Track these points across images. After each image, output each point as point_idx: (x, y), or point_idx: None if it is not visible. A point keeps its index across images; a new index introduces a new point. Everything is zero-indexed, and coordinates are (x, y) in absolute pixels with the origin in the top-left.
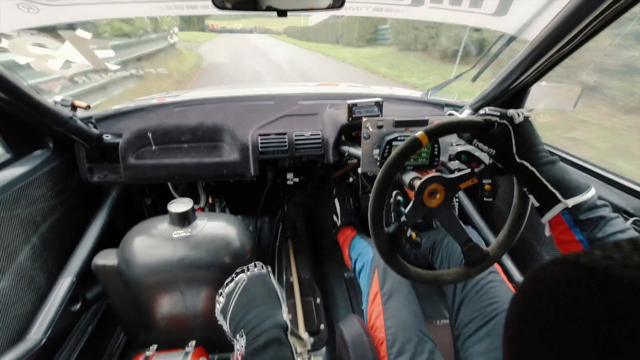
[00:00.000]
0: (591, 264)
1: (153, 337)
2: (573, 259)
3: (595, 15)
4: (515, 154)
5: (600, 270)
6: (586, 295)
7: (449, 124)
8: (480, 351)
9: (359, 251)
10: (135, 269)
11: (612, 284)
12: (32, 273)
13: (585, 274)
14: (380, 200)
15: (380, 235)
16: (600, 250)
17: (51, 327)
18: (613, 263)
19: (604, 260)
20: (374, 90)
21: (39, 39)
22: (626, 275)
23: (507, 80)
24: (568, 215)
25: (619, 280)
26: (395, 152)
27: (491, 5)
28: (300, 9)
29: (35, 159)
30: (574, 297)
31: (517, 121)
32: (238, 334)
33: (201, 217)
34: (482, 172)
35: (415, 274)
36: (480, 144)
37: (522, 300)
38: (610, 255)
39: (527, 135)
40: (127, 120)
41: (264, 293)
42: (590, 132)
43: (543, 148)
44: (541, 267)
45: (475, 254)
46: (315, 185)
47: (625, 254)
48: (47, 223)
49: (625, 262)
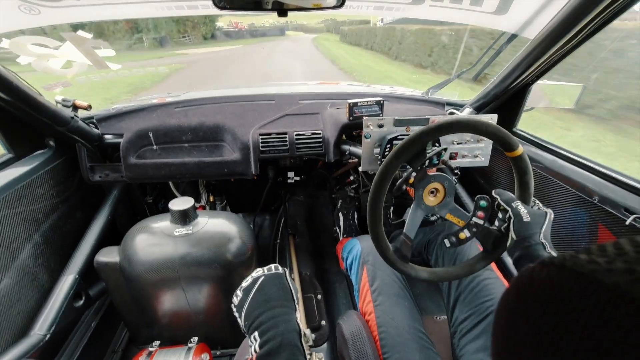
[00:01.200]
0: (576, 268)
1: (155, 334)
2: (559, 262)
3: (596, 13)
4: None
5: (585, 274)
6: (572, 299)
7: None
8: (476, 348)
9: (349, 248)
10: (137, 266)
11: (597, 288)
12: (35, 270)
13: (571, 278)
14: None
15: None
16: (586, 254)
17: (55, 323)
18: (597, 267)
19: (588, 264)
20: (375, 90)
21: (40, 39)
22: (610, 279)
23: (507, 79)
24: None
25: (604, 284)
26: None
27: (492, 4)
28: (300, 9)
29: (37, 159)
30: (560, 300)
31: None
32: (252, 334)
33: (202, 215)
34: (476, 224)
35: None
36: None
37: (511, 301)
38: (595, 260)
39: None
40: (128, 120)
41: (280, 294)
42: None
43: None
44: (529, 270)
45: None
46: (316, 184)
47: (609, 259)
48: (49, 221)
49: (609, 267)
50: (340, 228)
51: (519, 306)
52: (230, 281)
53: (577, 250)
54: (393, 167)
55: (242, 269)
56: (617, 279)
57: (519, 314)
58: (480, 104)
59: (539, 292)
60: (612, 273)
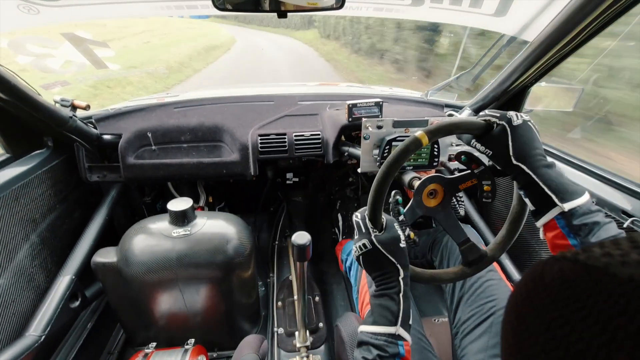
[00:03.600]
0: (589, 261)
1: (152, 335)
2: (572, 256)
3: (595, 16)
4: (512, 155)
5: (599, 267)
6: (586, 292)
7: (449, 124)
8: (477, 348)
9: (349, 249)
10: (135, 266)
11: (611, 281)
12: (31, 271)
13: (584, 271)
14: (379, 199)
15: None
16: (599, 248)
17: (50, 324)
18: (611, 260)
19: (602, 257)
20: (374, 91)
21: (38, 38)
22: (625, 272)
23: (506, 81)
24: (562, 220)
25: (618, 277)
26: (395, 151)
27: (491, 6)
28: (300, 10)
29: (35, 158)
30: (574, 294)
31: (515, 123)
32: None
33: (201, 215)
34: (482, 173)
35: (412, 272)
36: (478, 145)
37: (522, 296)
38: (609, 253)
39: (525, 137)
40: (126, 120)
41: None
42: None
43: (541, 152)
44: (540, 264)
45: (472, 254)
46: (315, 185)
47: (624, 252)
48: (46, 221)
49: (623, 260)
50: (339, 229)
51: (530, 301)
52: (228, 283)
53: (589, 245)
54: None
55: (240, 271)
56: (631, 271)
57: (530, 309)
58: (479, 106)
59: (551, 286)
60: (627, 265)
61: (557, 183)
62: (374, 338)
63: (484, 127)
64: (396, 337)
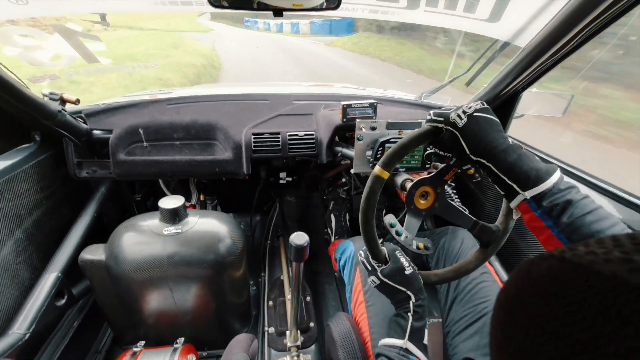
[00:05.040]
0: (575, 259)
1: (141, 334)
2: (558, 254)
3: (587, 22)
4: (470, 154)
5: (584, 265)
6: (573, 289)
7: (399, 148)
8: (469, 348)
9: (342, 249)
10: (124, 264)
11: (596, 278)
12: (15, 267)
13: (570, 269)
14: (371, 236)
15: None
16: (584, 246)
17: (35, 322)
18: (595, 258)
19: (587, 255)
20: (369, 92)
21: (27, 29)
22: (608, 269)
23: (499, 85)
24: (533, 204)
25: (602, 274)
26: (363, 196)
27: (485, 11)
28: (296, 9)
29: (21, 152)
30: (561, 290)
31: (460, 124)
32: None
33: (192, 214)
34: (458, 162)
35: (436, 277)
36: (436, 150)
37: (511, 293)
38: (593, 251)
39: (476, 132)
40: (117, 116)
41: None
42: None
43: (496, 141)
44: (529, 262)
45: (486, 234)
46: (308, 185)
47: (607, 250)
48: (32, 217)
49: (606, 258)
50: (332, 229)
51: (519, 298)
52: (219, 282)
53: (576, 244)
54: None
55: (231, 270)
56: (614, 268)
57: (518, 306)
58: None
59: (539, 282)
60: (610, 263)
61: (518, 171)
62: (387, 350)
63: (432, 133)
64: (407, 352)
